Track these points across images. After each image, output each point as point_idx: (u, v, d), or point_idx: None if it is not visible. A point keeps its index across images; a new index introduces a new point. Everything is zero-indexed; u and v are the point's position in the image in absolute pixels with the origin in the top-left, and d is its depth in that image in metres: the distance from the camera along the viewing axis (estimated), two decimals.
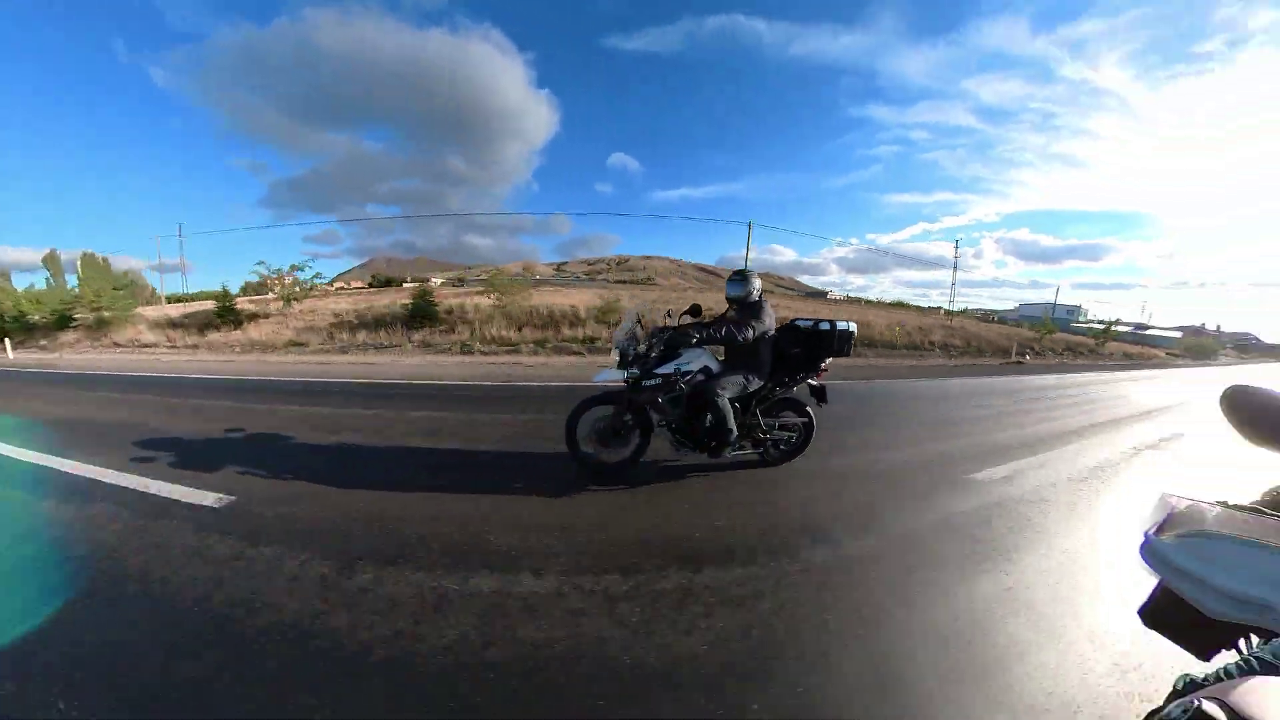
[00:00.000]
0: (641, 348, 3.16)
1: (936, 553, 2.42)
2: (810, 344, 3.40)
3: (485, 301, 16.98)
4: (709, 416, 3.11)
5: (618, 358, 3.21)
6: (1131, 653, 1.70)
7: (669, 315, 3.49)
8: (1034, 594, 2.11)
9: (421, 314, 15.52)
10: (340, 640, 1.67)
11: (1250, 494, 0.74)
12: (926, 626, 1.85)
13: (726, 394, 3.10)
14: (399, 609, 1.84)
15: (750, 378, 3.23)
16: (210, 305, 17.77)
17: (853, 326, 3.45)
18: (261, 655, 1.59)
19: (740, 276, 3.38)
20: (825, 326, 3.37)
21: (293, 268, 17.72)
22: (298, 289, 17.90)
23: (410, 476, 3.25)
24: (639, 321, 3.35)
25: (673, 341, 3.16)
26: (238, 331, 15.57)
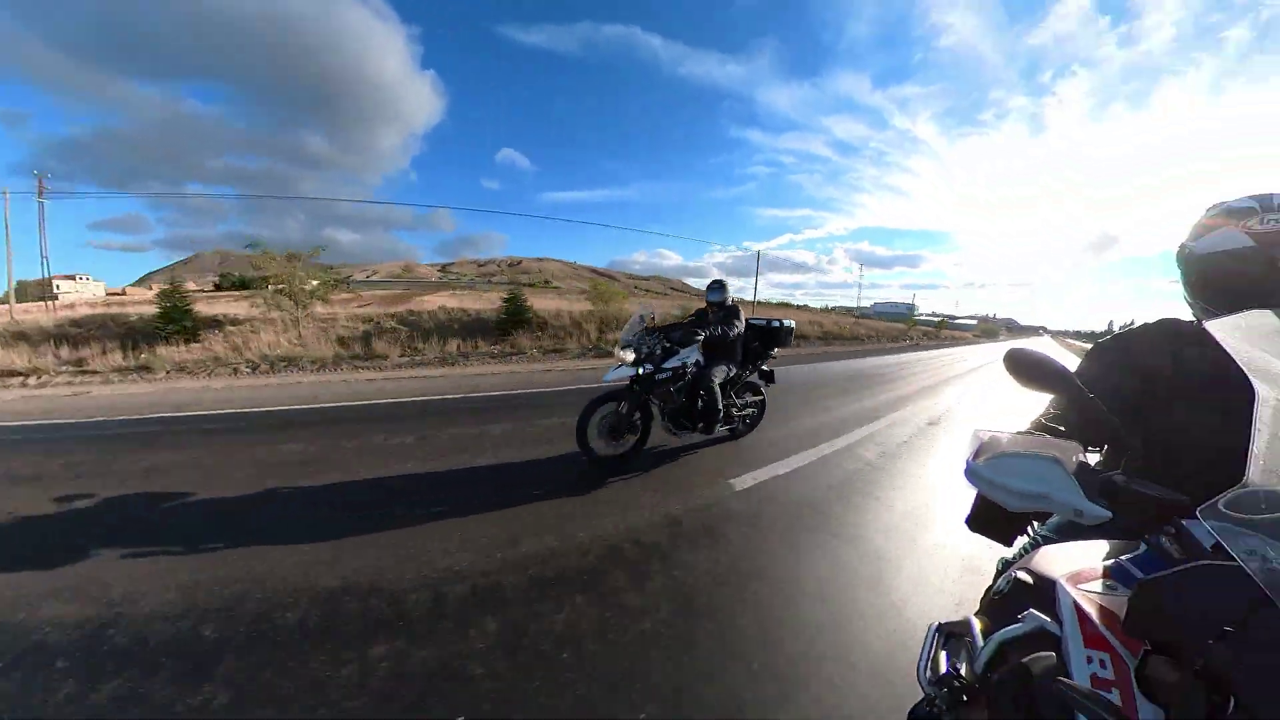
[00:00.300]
0: (657, 342, 3.64)
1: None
2: (765, 337, 4.46)
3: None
4: (701, 402, 3.76)
5: (631, 356, 3.48)
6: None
7: (653, 318, 3.95)
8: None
9: (514, 320, 13.63)
10: None
11: (1025, 421, 1.12)
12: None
13: (716, 381, 3.83)
14: None
15: (730, 366, 4.04)
16: (81, 305, 11.70)
17: (792, 323, 4.62)
18: None
19: (720, 285, 4.19)
20: (776, 324, 4.50)
21: (315, 251, 13.11)
22: (317, 283, 12.73)
23: None
24: (644, 323, 3.76)
25: (682, 340, 3.77)
26: (192, 347, 10.34)
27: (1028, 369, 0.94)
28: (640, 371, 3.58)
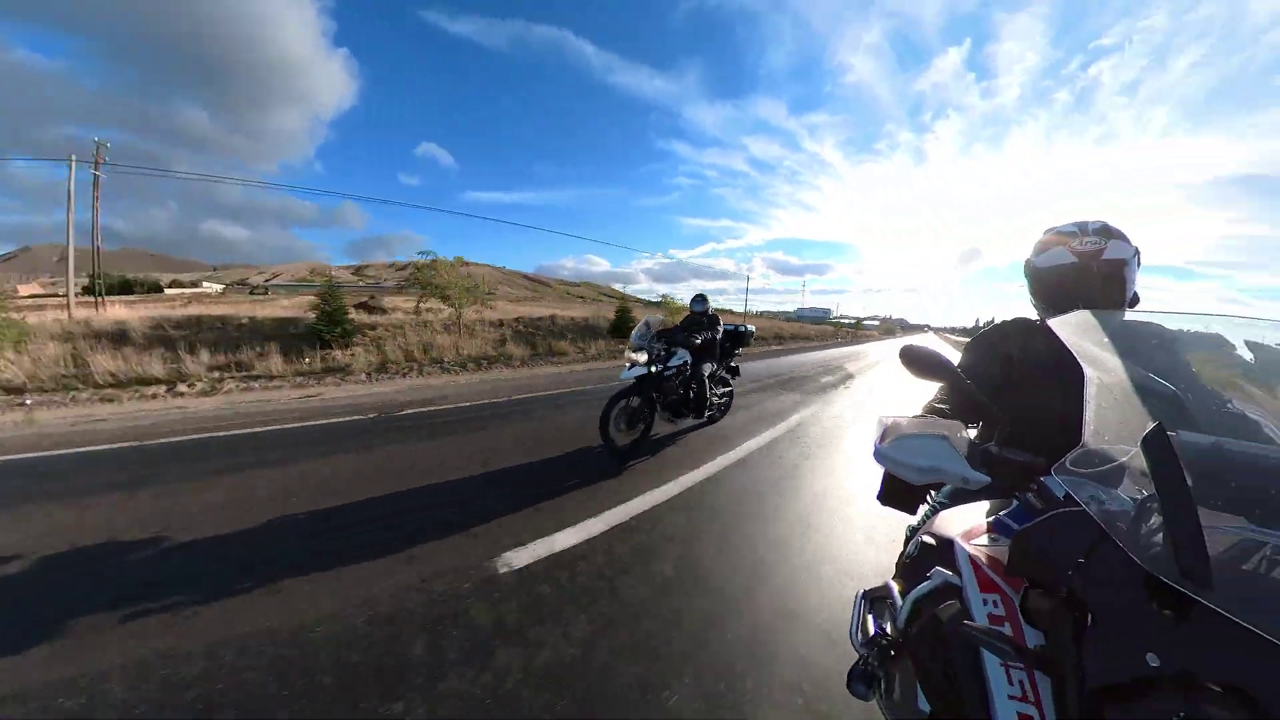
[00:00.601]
0: (660, 346, 4.48)
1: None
2: (733, 339, 5.58)
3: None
4: (693, 393, 4.74)
5: (644, 358, 4.22)
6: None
7: (660, 324, 5.06)
8: (815, 495, 3.35)
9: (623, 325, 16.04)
10: None
11: (919, 406, 1.34)
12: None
13: (705, 375, 4.88)
14: None
15: (713, 363, 5.10)
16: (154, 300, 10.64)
17: (753, 328, 5.96)
18: None
19: (702, 298, 5.37)
20: (742, 329, 5.70)
21: (459, 261, 14.07)
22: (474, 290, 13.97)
23: None
24: (651, 329, 4.59)
25: (684, 343, 4.78)
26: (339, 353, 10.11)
27: (918, 362, 1.12)
28: (651, 370, 4.34)
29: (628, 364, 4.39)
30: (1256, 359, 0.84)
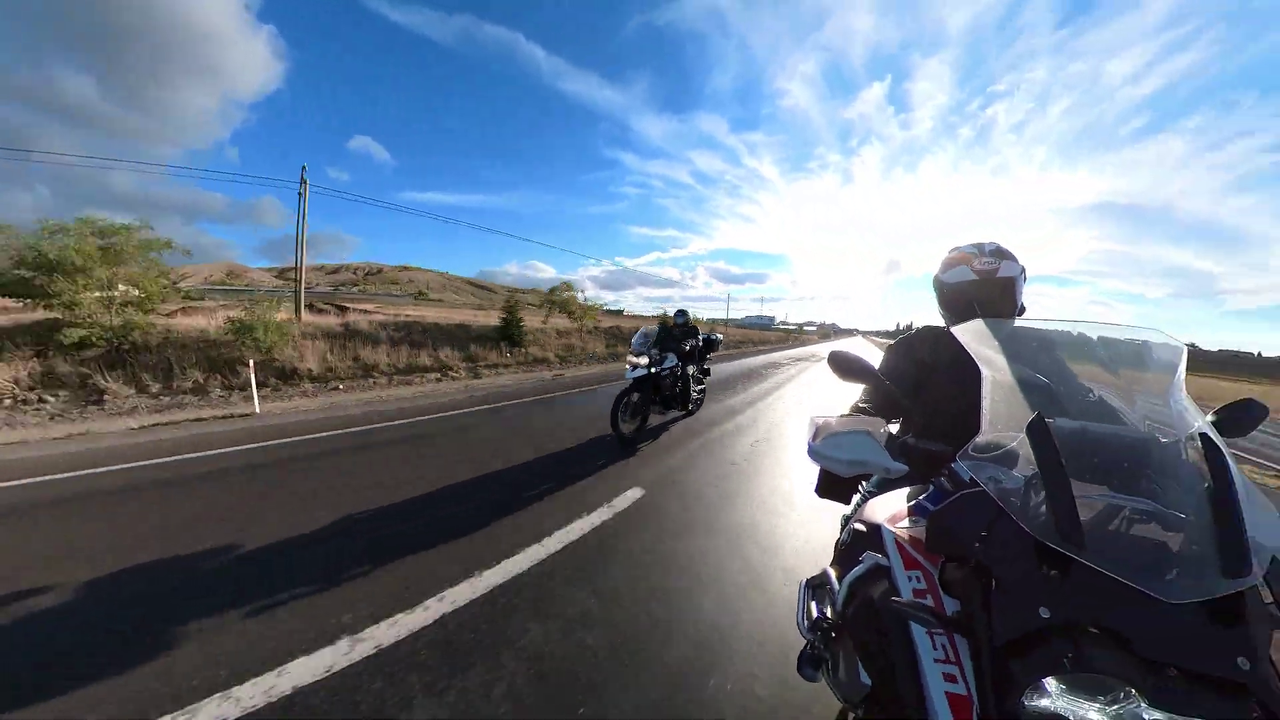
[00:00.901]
0: (655, 352, 5.52)
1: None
2: (707, 345, 6.57)
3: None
4: (679, 389, 5.87)
5: (645, 360, 5.30)
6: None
7: (647, 336, 5.85)
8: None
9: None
10: None
11: (846, 406, 1.45)
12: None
13: (690, 375, 6.09)
14: None
15: (694, 366, 6.32)
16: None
17: (722, 335, 7.47)
18: None
19: (684, 311, 6.53)
20: (714, 336, 6.81)
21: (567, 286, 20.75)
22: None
23: None
24: (648, 338, 5.79)
25: (674, 349, 5.83)
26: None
27: (844, 366, 1.22)
28: (651, 371, 5.38)
29: (630, 366, 5.40)
30: (1110, 356, 1.00)
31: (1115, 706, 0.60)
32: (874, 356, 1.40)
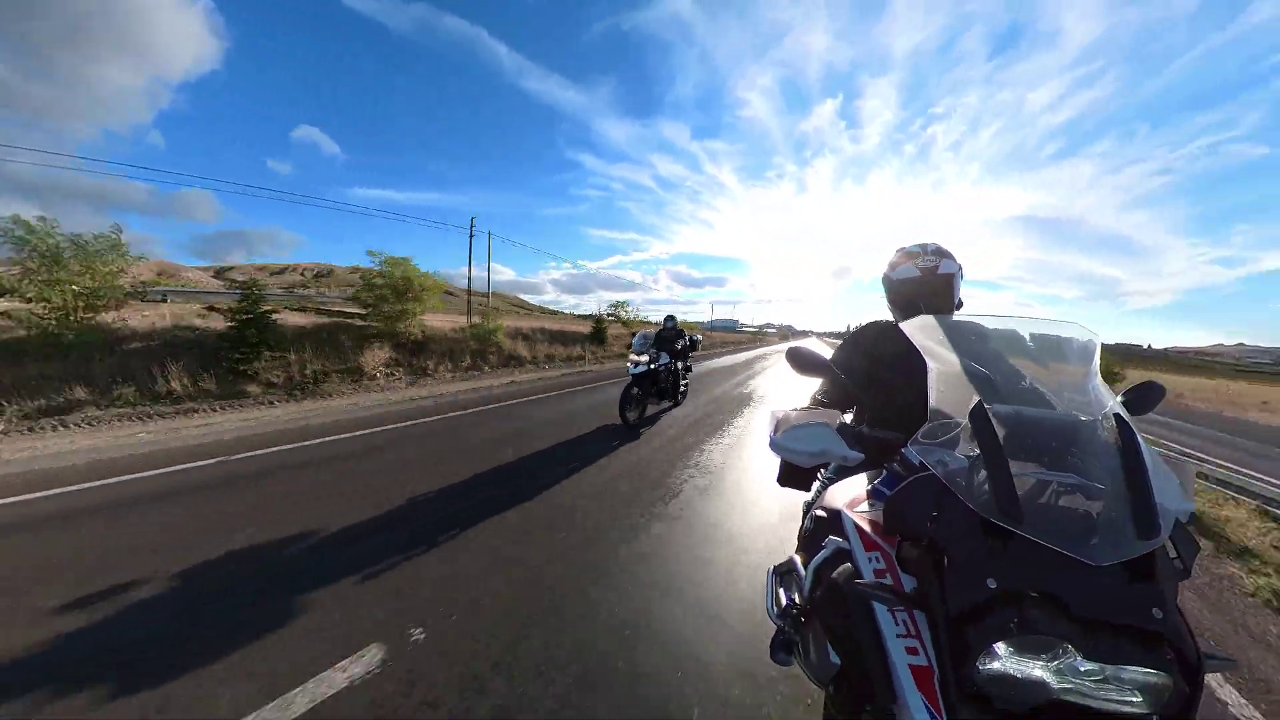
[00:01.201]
0: (654, 351, 6.68)
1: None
2: (692, 344, 7.67)
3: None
4: (671, 383, 7.00)
5: (645, 358, 6.40)
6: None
7: (646, 338, 6.88)
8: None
9: None
10: None
11: (805, 399, 1.54)
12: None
13: (679, 371, 7.24)
14: None
15: (681, 362, 7.36)
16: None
17: (700, 337, 8.28)
18: None
19: (672, 317, 7.58)
20: (696, 338, 7.84)
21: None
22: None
23: None
24: (648, 340, 6.86)
25: (668, 349, 6.98)
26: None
27: (802, 362, 1.28)
28: (650, 367, 6.45)
29: (632, 364, 6.52)
30: (1038, 347, 1.10)
31: (1055, 663, 0.66)
32: (828, 353, 1.46)
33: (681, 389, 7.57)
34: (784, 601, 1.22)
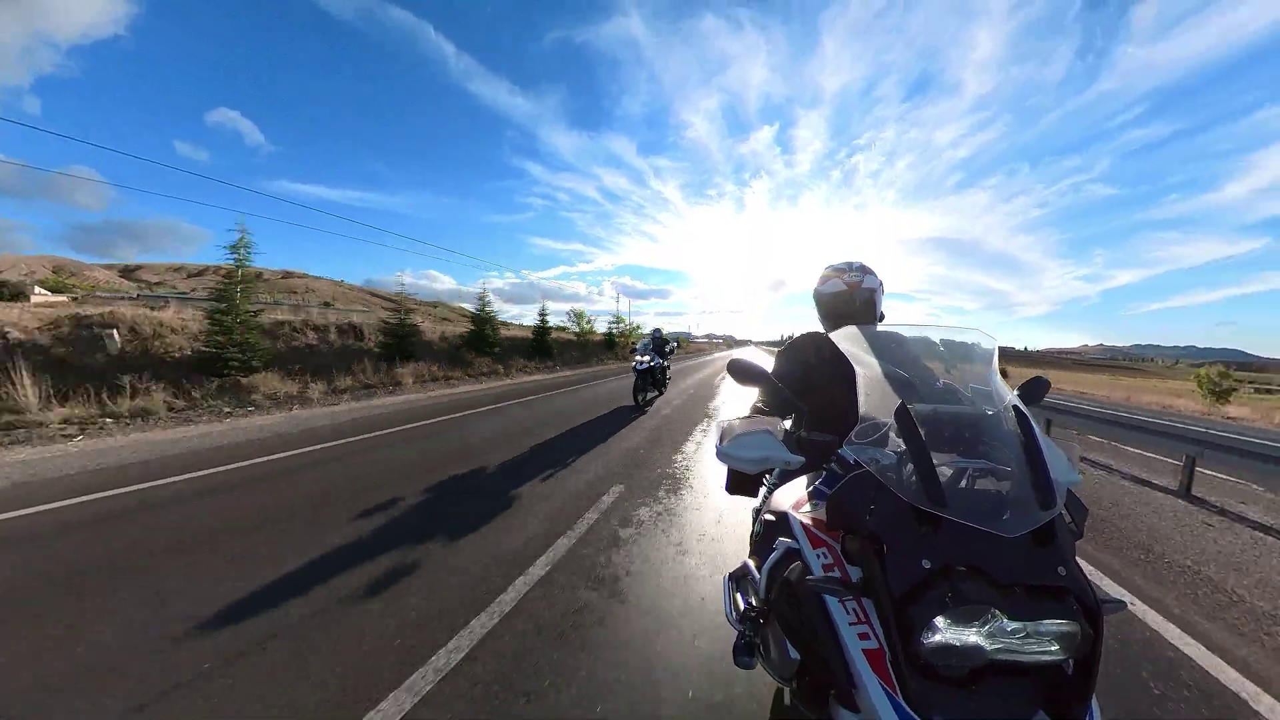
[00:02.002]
0: (651, 354, 9.49)
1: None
2: (671, 350, 10.87)
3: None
4: (659, 376, 10.06)
5: (647, 358, 9.15)
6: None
7: (646, 345, 9.68)
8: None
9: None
10: None
11: (747, 408, 1.62)
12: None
13: (665, 368, 10.66)
14: None
15: (666, 361, 10.51)
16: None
17: (678, 343, 13.57)
18: None
19: (659, 329, 10.64)
20: (675, 345, 11.84)
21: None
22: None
23: None
24: (648, 348, 9.61)
25: (659, 352, 9.84)
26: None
27: (742, 373, 1.32)
28: (651, 365, 9.00)
29: (637, 362, 9.22)
30: (948, 351, 1.23)
31: (986, 627, 0.73)
32: (766, 363, 1.54)
33: (666, 380, 10.75)
34: (742, 605, 1.24)
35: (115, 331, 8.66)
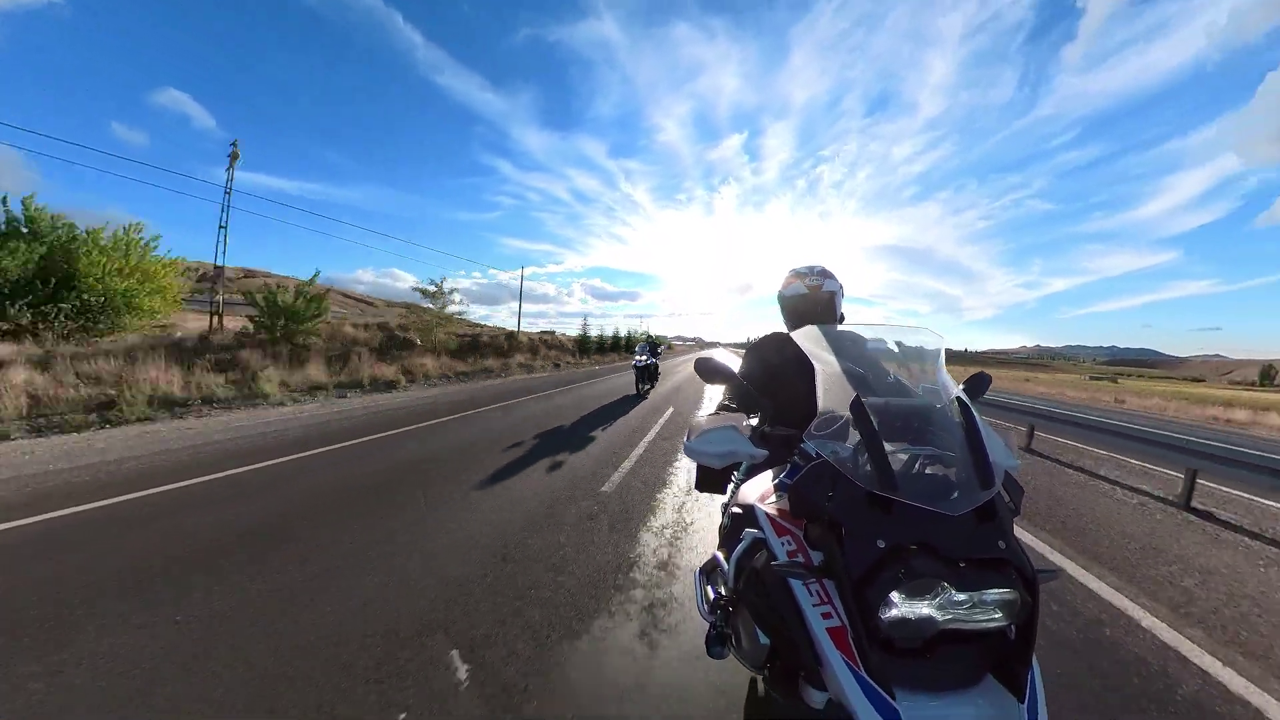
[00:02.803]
0: (647, 354, 12.03)
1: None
2: (661, 348, 14.44)
3: None
4: (652, 372, 12.39)
5: (644, 358, 11.72)
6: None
7: (643, 346, 12.25)
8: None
9: None
10: None
11: (714, 406, 2.17)
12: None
13: (656, 364, 12.89)
14: None
15: (655, 359, 12.69)
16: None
17: (669, 345, 18.99)
18: None
19: (649, 334, 18.66)
20: (664, 346, 17.14)
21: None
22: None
23: None
24: (646, 350, 12.13)
25: (651, 352, 12.22)
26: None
27: (709, 372, 1.36)
28: (646, 362, 11.78)
29: (636, 361, 11.66)
30: (901, 350, 1.30)
31: (937, 599, 0.78)
32: (734, 363, 1.58)
33: (657, 374, 12.94)
34: (712, 597, 1.27)
35: None
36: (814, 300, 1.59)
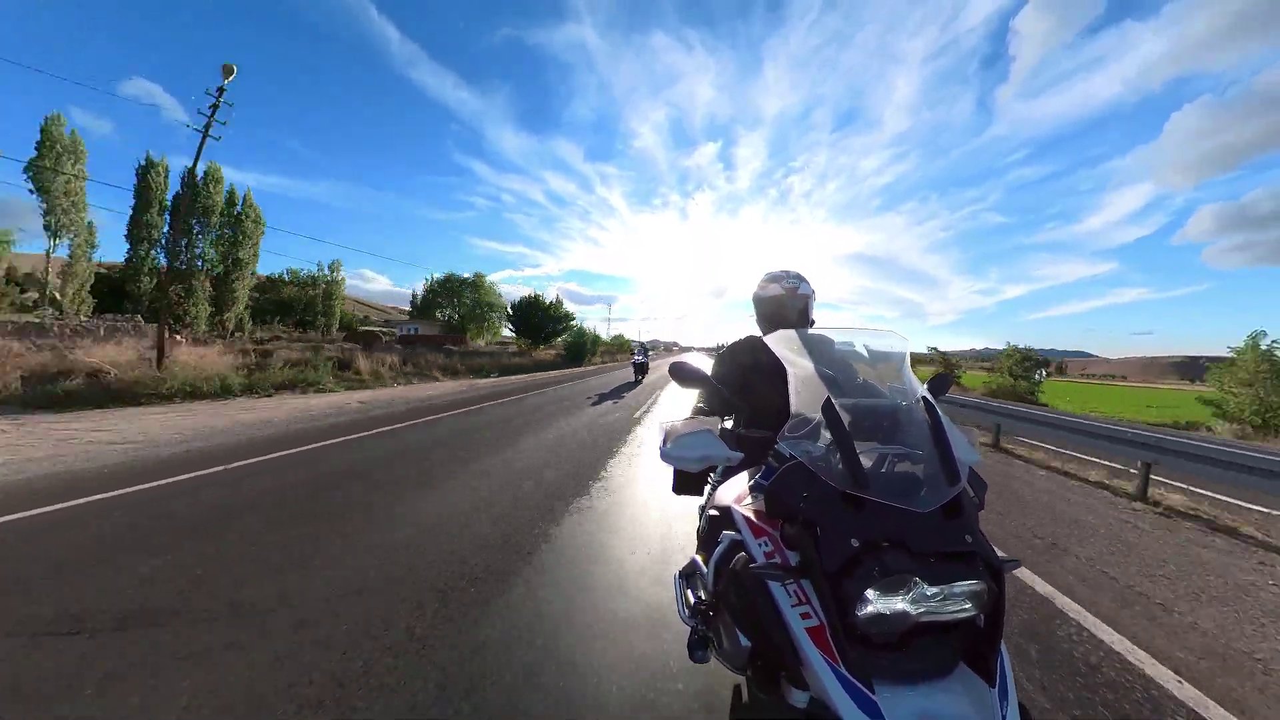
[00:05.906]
0: (642, 352, 18.67)
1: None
2: (652, 350, 18.96)
3: None
4: (645, 365, 18.35)
5: (641, 357, 17.95)
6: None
7: (640, 347, 18.74)
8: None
9: None
10: None
11: (688, 410, 1.85)
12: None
13: (649, 361, 19.10)
14: None
15: (646, 358, 18.95)
16: None
17: (657, 347, 20.03)
18: None
19: (640, 337, 22.00)
20: (653, 348, 19.91)
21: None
22: None
23: None
24: (641, 346, 19.17)
25: (645, 351, 18.80)
26: None
27: (683, 376, 1.34)
28: (642, 360, 18.04)
29: (635, 355, 18.27)
30: (869, 352, 1.32)
31: (910, 594, 0.78)
32: (707, 366, 1.57)
33: (649, 367, 17.57)
34: (693, 601, 1.24)
35: None
36: (788, 303, 1.58)
